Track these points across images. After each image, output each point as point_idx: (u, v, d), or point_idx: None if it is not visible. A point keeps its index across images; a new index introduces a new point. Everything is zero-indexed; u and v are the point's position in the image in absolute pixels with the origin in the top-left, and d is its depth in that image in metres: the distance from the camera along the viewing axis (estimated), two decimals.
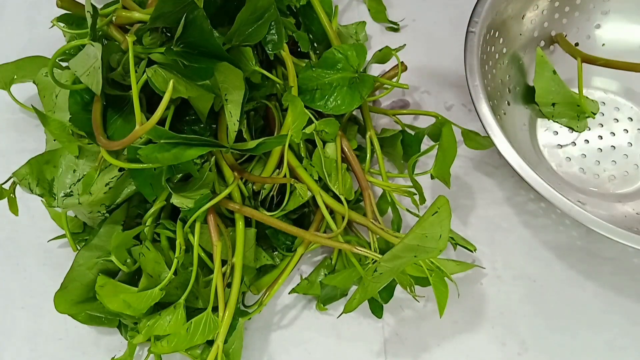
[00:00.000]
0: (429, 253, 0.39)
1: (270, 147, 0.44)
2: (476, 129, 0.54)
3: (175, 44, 0.40)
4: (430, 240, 0.39)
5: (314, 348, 0.50)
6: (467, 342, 0.50)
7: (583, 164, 0.56)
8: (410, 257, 0.40)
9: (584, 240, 0.53)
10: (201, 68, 0.40)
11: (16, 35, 0.64)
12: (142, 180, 0.44)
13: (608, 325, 0.50)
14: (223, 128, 0.46)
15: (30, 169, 0.45)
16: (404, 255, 0.40)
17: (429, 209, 0.40)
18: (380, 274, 0.40)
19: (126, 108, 0.43)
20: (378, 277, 0.40)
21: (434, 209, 0.39)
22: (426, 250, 0.39)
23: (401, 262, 0.40)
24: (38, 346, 0.50)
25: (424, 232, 0.39)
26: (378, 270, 0.40)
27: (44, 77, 0.49)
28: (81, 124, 0.43)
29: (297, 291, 0.51)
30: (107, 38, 0.44)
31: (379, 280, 0.41)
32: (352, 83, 0.49)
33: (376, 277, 0.40)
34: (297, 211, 0.50)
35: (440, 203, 0.39)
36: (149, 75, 0.40)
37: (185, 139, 0.39)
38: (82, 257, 0.45)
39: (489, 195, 0.56)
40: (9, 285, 0.53)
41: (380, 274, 0.40)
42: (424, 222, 0.39)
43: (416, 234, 0.39)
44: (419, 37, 0.64)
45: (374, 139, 0.53)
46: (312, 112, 0.48)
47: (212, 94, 0.42)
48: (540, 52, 0.55)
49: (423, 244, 0.39)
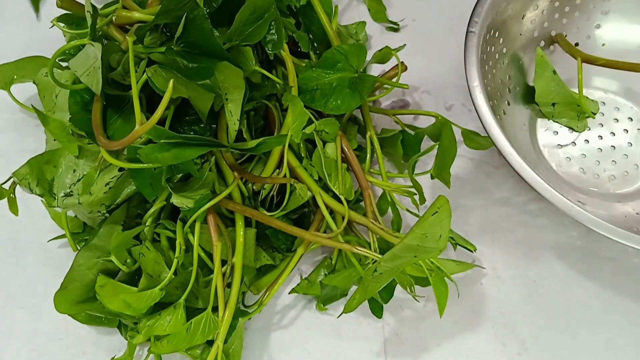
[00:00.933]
0: (429, 253, 0.39)
1: (270, 147, 0.44)
2: (476, 129, 0.54)
3: (175, 44, 0.40)
4: (430, 240, 0.39)
5: (314, 348, 0.50)
6: (467, 342, 0.50)
7: (583, 164, 0.56)
8: (410, 257, 0.40)
9: (584, 240, 0.53)
10: (201, 67, 0.40)
11: (16, 35, 0.64)
12: (142, 180, 0.44)
13: (608, 325, 0.50)
14: (223, 127, 0.46)
15: (30, 169, 0.45)
16: (404, 255, 0.40)
17: (429, 209, 0.40)
18: (380, 274, 0.40)
19: (126, 108, 0.43)
20: (378, 277, 0.40)
21: (434, 209, 0.39)
22: (426, 250, 0.39)
23: (401, 262, 0.40)
24: (38, 346, 0.50)
25: (424, 232, 0.39)
26: (378, 270, 0.40)
27: (44, 77, 0.49)
28: (81, 124, 0.43)
29: (297, 291, 0.51)
30: (107, 38, 0.44)
31: (379, 280, 0.41)
32: (352, 83, 0.49)
33: (376, 277, 0.40)
34: (297, 211, 0.50)
35: (440, 203, 0.39)
36: (149, 75, 0.40)
37: (185, 139, 0.39)
38: (82, 257, 0.45)
39: (489, 195, 0.56)
40: (9, 285, 0.53)
41: (380, 274, 0.40)
42: (424, 222, 0.39)
43: (416, 234, 0.39)
44: (419, 37, 0.64)
45: (374, 139, 0.53)
46: (312, 112, 0.48)
47: (212, 93, 0.42)
48: (540, 52, 0.55)
49: (423, 244, 0.39)
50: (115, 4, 0.43)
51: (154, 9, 0.44)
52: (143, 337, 0.43)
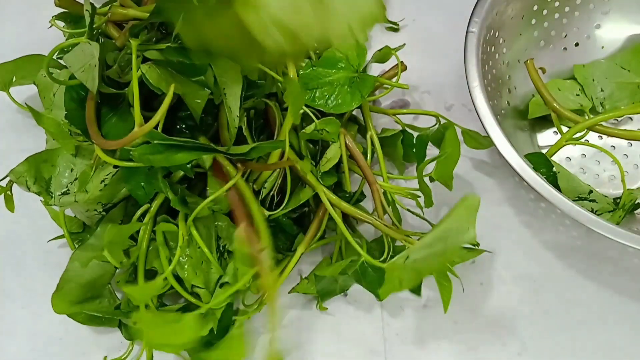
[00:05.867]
0: (459, 243, 0.40)
1: (264, 152, 0.44)
2: (476, 129, 0.54)
3: (173, 41, 0.40)
4: (459, 232, 0.40)
5: (314, 348, 0.50)
6: (467, 342, 0.50)
7: (583, 164, 0.56)
8: (441, 247, 0.40)
9: (584, 240, 0.53)
10: (200, 64, 0.40)
11: (16, 35, 0.64)
12: (134, 183, 0.44)
13: (608, 325, 0.50)
14: (224, 126, 0.46)
15: (28, 167, 0.45)
16: (435, 244, 0.41)
17: (459, 204, 0.40)
18: (413, 261, 0.41)
19: (121, 106, 0.42)
20: (413, 265, 0.41)
21: (465, 204, 0.40)
22: (456, 241, 0.40)
23: (431, 252, 0.41)
24: (38, 346, 0.50)
25: (454, 224, 0.40)
26: (410, 257, 0.41)
27: (44, 77, 0.48)
28: (77, 121, 0.42)
29: (297, 290, 0.51)
30: (103, 35, 0.44)
31: (418, 270, 0.41)
32: (352, 82, 0.49)
33: (409, 264, 0.41)
34: (297, 210, 0.50)
35: (471, 200, 0.40)
36: (144, 72, 0.40)
37: (179, 142, 0.39)
38: (78, 257, 0.45)
39: (489, 195, 0.56)
40: (9, 285, 0.53)
41: (413, 261, 0.41)
42: (454, 214, 0.40)
43: (447, 225, 0.41)
44: (419, 37, 0.64)
45: (375, 138, 0.53)
46: (313, 110, 0.48)
47: (206, 90, 0.42)
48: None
49: (453, 235, 0.40)
50: (113, 2, 0.43)
51: (150, 6, 0.44)
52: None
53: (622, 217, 0.51)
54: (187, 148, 0.39)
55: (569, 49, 0.59)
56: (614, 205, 0.52)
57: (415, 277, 0.42)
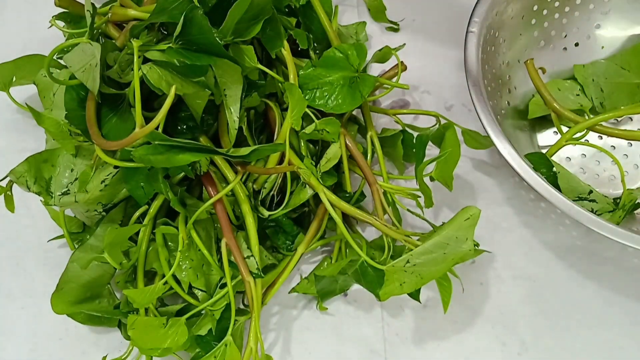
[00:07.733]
0: (458, 251, 0.42)
1: (263, 154, 0.44)
2: (476, 129, 0.54)
3: (174, 42, 0.40)
4: (459, 241, 0.42)
5: (314, 348, 0.50)
6: (467, 342, 0.50)
7: (583, 164, 0.56)
8: (440, 254, 0.42)
9: (584, 240, 0.53)
10: (198, 65, 0.40)
11: (16, 35, 0.64)
12: (134, 184, 0.44)
13: (608, 325, 0.50)
14: (224, 127, 0.46)
15: (28, 167, 0.44)
16: (435, 250, 0.42)
17: (460, 213, 0.43)
18: (413, 265, 0.42)
19: (121, 106, 0.42)
20: (413, 269, 0.42)
21: (466, 215, 0.42)
22: (456, 249, 0.42)
23: (432, 257, 0.42)
24: (38, 346, 0.50)
25: (454, 233, 0.42)
26: (410, 261, 0.42)
27: (44, 77, 0.48)
28: (77, 121, 0.42)
29: (297, 290, 0.51)
30: (104, 35, 0.44)
31: (421, 275, 0.43)
32: (352, 82, 0.49)
33: (409, 268, 0.42)
34: (297, 210, 0.50)
35: (472, 212, 0.42)
36: (145, 72, 0.40)
37: (180, 143, 0.39)
38: (77, 258, 0.45)
39: (489, 195, 0.56)
40: (9, 285, 0.53)
41: (413, 265, 0.42)
42: (454, 224, 0.43)
43: (447, 233, 0.42)
44: (419, 37, 0.64)
45: (375, 138, 0.53)
46: (313, 110, 0.48)
47: (207, 90, 0.42)
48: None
49: (452, 242, 0.42)
50: (113, 2, 0.43)
51: (150, 7, 0.44)
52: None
53: (622, 217, 0.51)
54: (188, 149, 0.39)
55: (569, 49, 0.59)
56: (614, 205, 0.52)
57: (417, 282, 0.43)
